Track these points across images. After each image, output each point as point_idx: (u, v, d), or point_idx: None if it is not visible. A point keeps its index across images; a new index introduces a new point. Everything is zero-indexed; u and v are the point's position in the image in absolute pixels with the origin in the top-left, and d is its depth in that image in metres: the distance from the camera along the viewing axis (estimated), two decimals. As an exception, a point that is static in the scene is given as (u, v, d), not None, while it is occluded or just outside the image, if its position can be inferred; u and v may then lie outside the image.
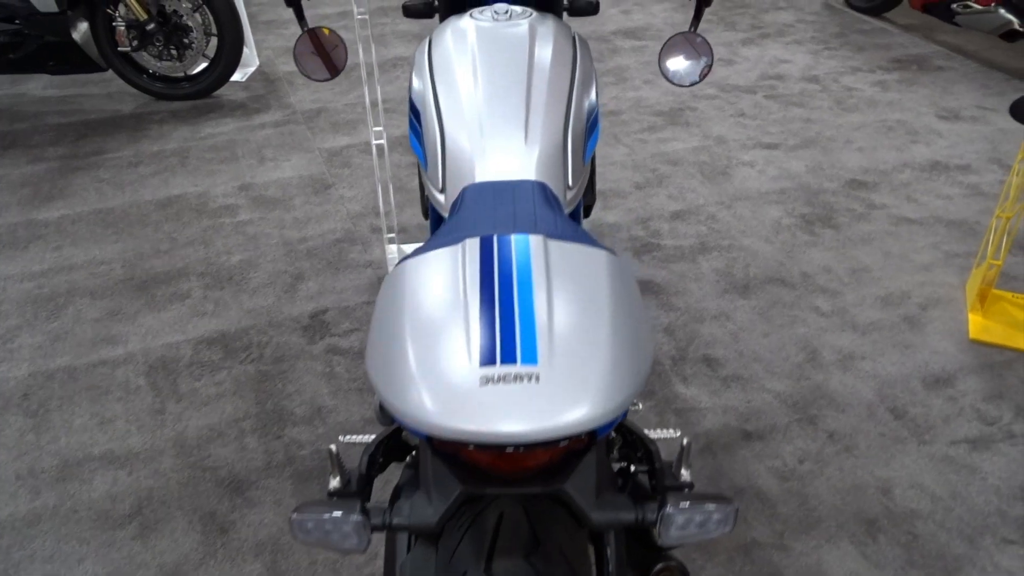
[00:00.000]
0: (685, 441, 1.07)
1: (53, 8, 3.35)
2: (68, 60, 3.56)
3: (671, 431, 1.29)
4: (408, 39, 4.50)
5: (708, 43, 1.65)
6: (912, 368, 2.24)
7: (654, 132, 3.48)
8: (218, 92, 3.88)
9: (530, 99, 1.37)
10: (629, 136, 3.45)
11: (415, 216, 2.93)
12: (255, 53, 4.19)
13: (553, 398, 0.77)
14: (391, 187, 2.58)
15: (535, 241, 0.94)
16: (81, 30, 3.53)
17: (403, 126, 3.55)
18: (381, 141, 2.46)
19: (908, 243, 2.75)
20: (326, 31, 1.67)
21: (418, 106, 1.47)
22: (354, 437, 1.36)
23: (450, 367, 0.80)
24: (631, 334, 0.87)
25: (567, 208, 1.36)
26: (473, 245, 0.94)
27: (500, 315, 0.84)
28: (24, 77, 4.11)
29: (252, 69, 4.13)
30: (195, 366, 2.27)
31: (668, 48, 1.69)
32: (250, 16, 4.85)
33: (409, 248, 2.73)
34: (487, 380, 0.78)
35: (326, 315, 2.45)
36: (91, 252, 2.75)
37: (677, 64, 1.70)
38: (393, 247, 2.66)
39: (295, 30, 4.69)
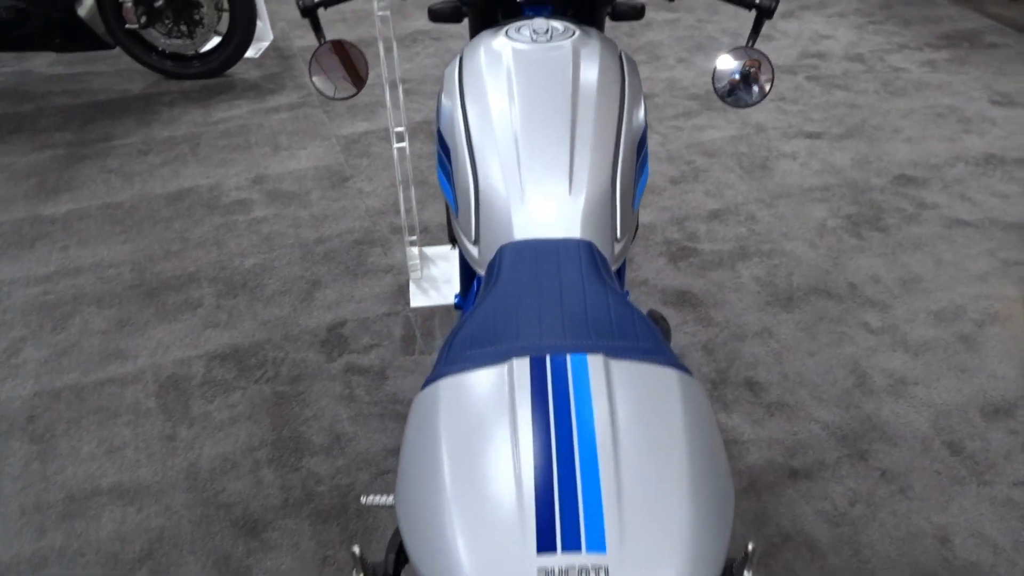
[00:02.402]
0: (751, 546, 0.95)
1: (56, -15, 3.19)
2: (74, 37, 3.40)
3: None
4: (428, 10, 4.29)
5: (768, 58, 1.48)
6: (969, 395, 2.10)
7: (689, 118, 3.29)
8: (231, 70, 3.72)
9: (575, 140, 1.22)
10: (663, 123, 3.27)
11: (437, 213, 2.78)
12: (269, 27, 4.00)
13: None
14: (412, 186, 2.42)
15: (594, 364, 0.80)
16: (87, 6, 3.36)
17: (424, 110, 3.37)
18: (403, 144, 2.30)
19: (962, 249, 2.58)
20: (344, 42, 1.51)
21: (447, 141, 1.32)
22: (377, 498, 1.24)
23: (501, 551, 0.66)
24: (714, 491, 0.73)
25: (615, 264, 1.22)
26: (522, 368, 0.80)
27: (559, 479, 0.70)
28: (30, 53, 3.95)
29: (266, 44, 3.95)
30: (207, 385, 2.16)
31: (722, 64, 1.52)
32: (263, -16, 4.65)
33: (431, 251, 2.59)
34: (547, 574, 0.64)
35: (344, 328, 2.32)
36: (99, 253, 2.63)
37: (733, 83, 1.53)
38: (415, 250, 2.52)
39: (310, -1, 4.49)
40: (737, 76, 1.52)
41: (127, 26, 3.42)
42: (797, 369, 2.17)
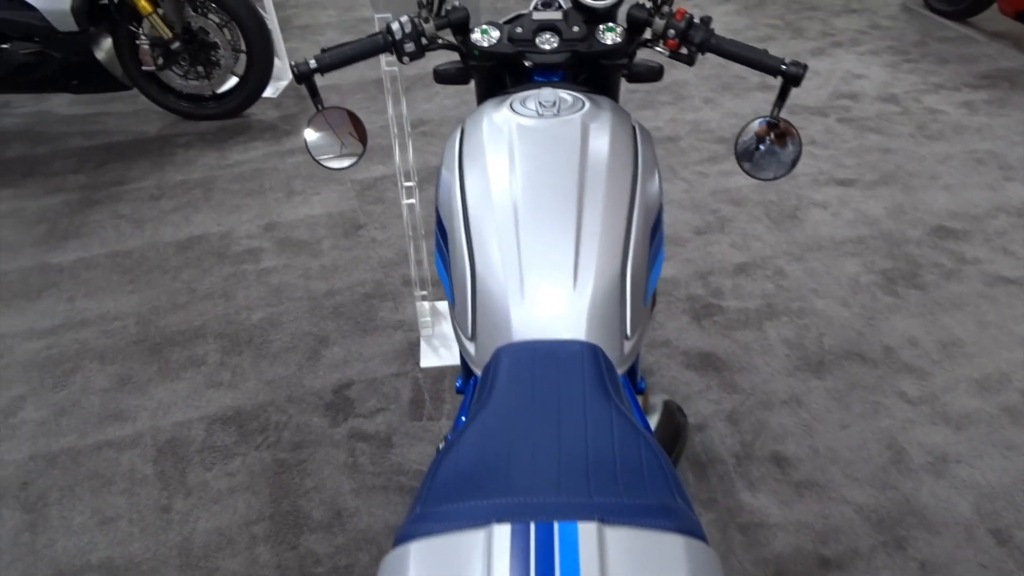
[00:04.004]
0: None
1: (73, 27, 3.16)
2: (91, 79, 3.37)
3: None
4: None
5: (794, 128, 1.38)
6: (1016, 475, 1.95)
7: (715, 163, 3.18)
8: (249, 111, 3.67)
9: (581, 228, 1.11)
10: (687, 168, 3.15)
11: (452, 265, 2.68)
12: (287, 66, 3.95)
13: None
14: (423, 238, 2.33)
15: (586, 535, 0.69)
16: (104, 48, 3.33)
17: (439, 154, 3.29)
18: (412, 201, 2.21)
19: (1006, 309, 2.43)
20: (343, 109, 1.43)
21: (445, 223, 1.22)
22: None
23: None
24: None
25: (622, 367, 1.10)
26: (502, 537, 0.69)
27: None
28: (48, 94, 3.94)
29: (285, 84, 3.91)
30: (207, 451, 2.07)
31: (746, 134, 1.42)
32: (283, 21, 4.62)
33: (443, 306, 2.49)
34: None
35: (351, 389, 2.22)
36: (105, 305, 2.57)
37: (758, 154, 1.43)
38: (425, 305, 2.42)
39: (332, 35, 4.46)
40: (762, 147, 1.42)
41: (144, 68, 3.39)
42: (828, 443, 2.04)
